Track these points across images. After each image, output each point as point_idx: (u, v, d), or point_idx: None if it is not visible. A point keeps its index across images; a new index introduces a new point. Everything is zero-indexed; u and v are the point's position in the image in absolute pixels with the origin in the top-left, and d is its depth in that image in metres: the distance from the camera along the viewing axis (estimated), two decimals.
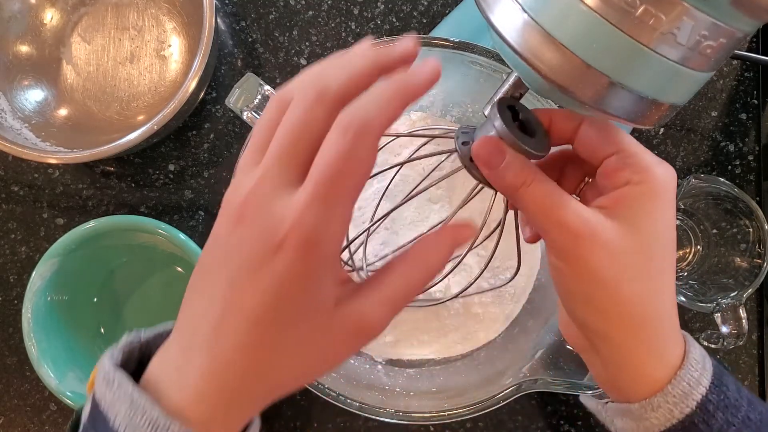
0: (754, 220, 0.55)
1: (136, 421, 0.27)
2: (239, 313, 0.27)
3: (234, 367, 0.28)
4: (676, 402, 0.32)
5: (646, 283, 0.32)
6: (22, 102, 0.60)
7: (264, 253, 0.26)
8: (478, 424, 0.59)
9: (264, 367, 0.28)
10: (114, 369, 0.29)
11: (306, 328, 0.28)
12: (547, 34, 0.27)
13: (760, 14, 0.27)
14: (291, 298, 0.27)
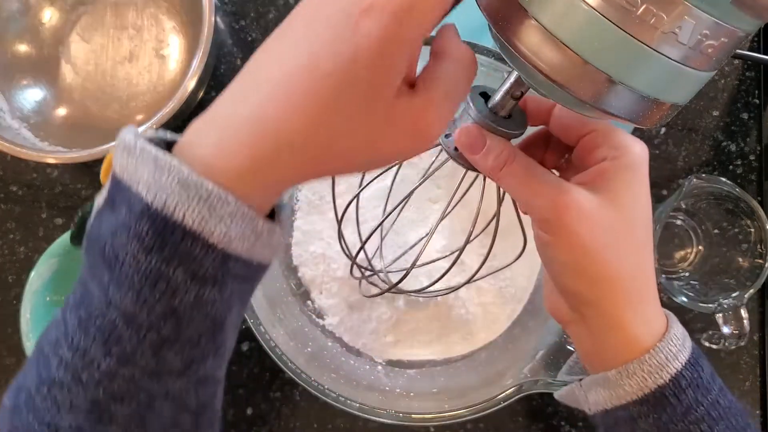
0: (755, 220, 0.55)
1: (162, 181, 0.25)
2: (314, 68, 0.25)
3: (287, 120, 0.25)
4: (651, 371, 0.33)
5: (631, 253, 0.33)
6: (21, 101, 0.60)
7: (355, 11, 0.25)
8: (479, 425, 0.59)
9: (318, 128, 0.26)
10: (135, 138, 0.26)
11: (373, 102, 0.26)
12: (547, 33, 0.27)
13: (761, 13, 0.27)
14: (368, 63, 0.25)
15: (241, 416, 0.59)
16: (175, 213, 0.24)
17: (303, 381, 0.48)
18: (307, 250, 0.57)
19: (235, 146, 0.26)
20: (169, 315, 0.26)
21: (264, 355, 0.48)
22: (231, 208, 0.25)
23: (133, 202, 0.25)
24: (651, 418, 0.33)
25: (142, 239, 0.25)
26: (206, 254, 0.25)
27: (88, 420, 0.26)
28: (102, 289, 0.26)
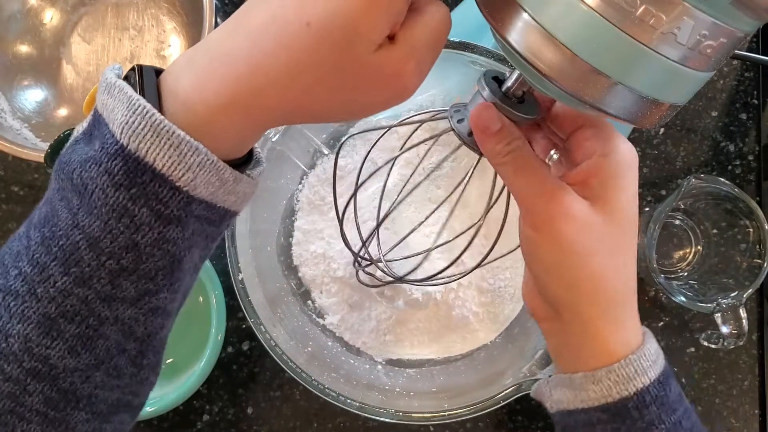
0: (754, 220, 0.55)
1: (136, 125, 0.26)
2: (299, 8, 0.26)
3: (273, 60, 0.26)
4: (618, 381, 0.33)
5: (615, 258, 0.33)
6: (22, 102, 0.60)
7: None
8: (479, 424, 0.59)
9: (301, 72, 0.27)
10: (116, 77, 0.28)
11: (356, 52, 0.27)
12: (547, 34, 0.27)
13: (760, 14, 0.27)
14: (355, 15, 0.26)
15: (241, 415, 0.59)
16: (147, 155, 0.26)
17: (303, 380, 0.48)
18: (308, 250, 0.57)
19: (218, 79, 0.27)
20: (131, 247, 0.27)
21: (264, 354, 0.49)
22: (200, 157, 0.27)
23: (108, 139, 0.26)
24: (609, 427, 0.33)
25: (113, 176, 0.26)
26: (172, 196, 0.27)
27: (37, 332, 0.27)
28: (70, 211, 0.27)
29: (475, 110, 0.34)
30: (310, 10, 0.26)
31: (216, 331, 0.54)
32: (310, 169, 0.58)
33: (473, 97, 0.36)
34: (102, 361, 0.29)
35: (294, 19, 0.26)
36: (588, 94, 0.28)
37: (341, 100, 0.28)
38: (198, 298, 0.60)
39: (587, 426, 0.34)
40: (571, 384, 0.35)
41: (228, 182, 0.29)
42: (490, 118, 0.33)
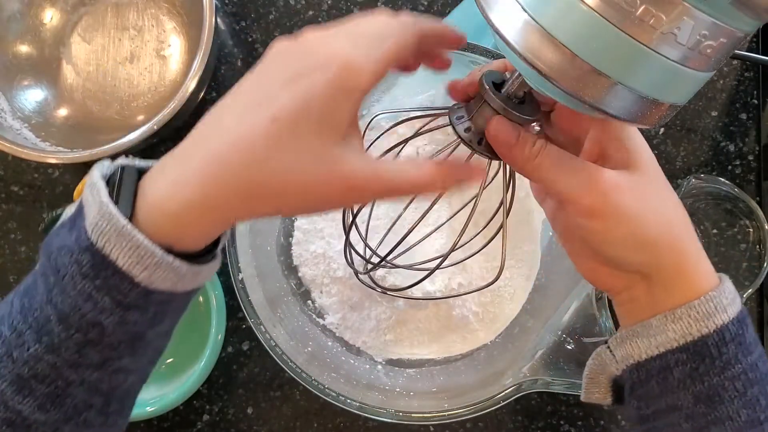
0: (754, 221, 0.55)
1: (104, 227, 0.29)
2: (263, 112, 0.29)
3: (235, 156, 0.29)
4: (698, 318, 0.33)
5: (668, 207, 0.34)
6: (22, 102, 0.60)
7: (306, 67, 0.29)
8: (478, 424, 0.59)
9: (261, 165, 0.29)
10: (98, 178, 0.31)
11: (315, 145, 0.29)
12: (547, 34, 0.27)
13: (760, 14, 0.27)
14: (316, 111, 0.29)
15: (241, 416, 0.59)
16: (111, 254, 0.29)
17: (303, 380, 0.48)
18: (308, 250, 0.57)
19: (187, 181, 0.30)
20: (96, 324, 0.30)
21: (264, 354, 0.49)
22: (156, 259, 0.30)
23: (82, 234, 0.30)
24: (688, 367, 0.33)
25: (81, 266, 0.30)
26: (131, 289, 0.30)
27: (11, 388, 0.31)
28: (47, 288, 0.31)
29: (490, 129, 0.34)
30: (279, 105, 0.29)
31: (216, 331, 0.54)
32: None
33: (474, 99, 0.36)
34: (71, 417, 0.32)
35: (264, 111, 0.29)
36: (588, 95, 0.28)
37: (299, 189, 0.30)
38: (198, 298, 0.60)
39: (663, 371, 0.34)
40: (647, 330, 0.34)
41: (186, 276, 0.31)
42: (506, 131, 0.34)
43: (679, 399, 0.33)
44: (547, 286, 0.56)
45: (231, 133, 0.29)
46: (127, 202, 0.30)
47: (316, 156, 0.29)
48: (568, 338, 0.48)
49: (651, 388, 0.34)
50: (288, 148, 0.29)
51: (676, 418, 0.34)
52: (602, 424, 0.59)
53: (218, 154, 0.29)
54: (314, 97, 0.29)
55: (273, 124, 0.29)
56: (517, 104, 0.34)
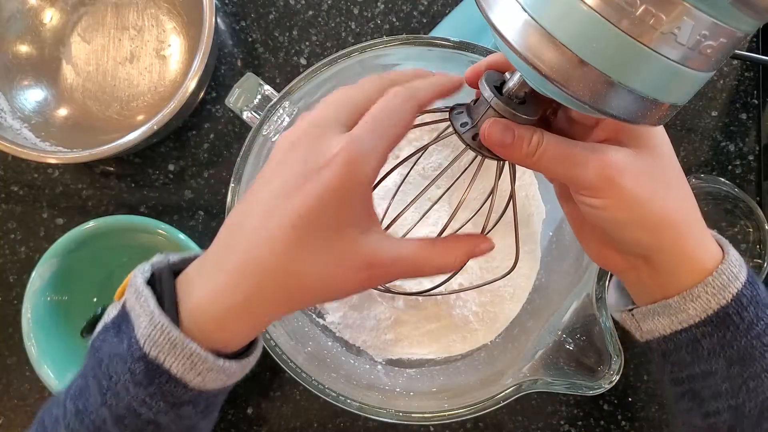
0: (754, 220, 0.55)
1: (157, 338, 0.31)
2: (283, 214, 0.31)
3: (266, 260, 0.31)
4: (715, 293, 0.34)
5: (675, 190, 0.35)
6: (22, 102, 0.60)
7: (314, 166, 0.31)
8: (479, 425, 0.59)
9: (290, 263, 0.31)
10: (143, 285, 0.33)
11: (334, 240, 0.31)
12: (547, 34, 0.27)
13: (760, 14, 0.27)
14: (331, 207, 0.31)
15: (241, 416, 0.59)
16: (165, 363, 0.31)
17: (303, 380, 0.48)
18: None
19: (225, 287, 0.32)
20: (151, 422, 0.32)
21: (264, 354, 0.48)
22: (209, 364, 0.32)
23: (134, 344, 0.32)
24: (715, 337, 0.34)
25: (134, 374, 0.31)
26: (184, 392, 0.32)
27: None
28: (100, 392, 0.32)
29: (486, 130, 0.34)
30: (294, 205, 0.31)
31: None
32: None
33: (474, 100, 0.36)
34: None
35: (283, 214, 0.31)
36: (588, 95, 0.28)
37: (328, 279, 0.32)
38: None
39: (692, 343, 0.35)
40: (667, 310, 0.35)
41: (235, 374, 0.34)
42: (500, 133, 0.34)
43: (712, 365, 0.35)
44: (547, 286, 0.56)
45: (258, 239, 0.31)
46: (171, 308, 0.32)
47: (338, 250, 0.32)
48: (568, 338, 0.48)
49: (682, 356, 0.36)
50: (311, 249, 0.31)
51: (713, 381, 0.35)
52: (602, 424, 0.59)
53: (250, 261, 0.31)
54: (326, 198, 0.30)
55: (293, 231, 0.31)
56: (518, 104, 0.34)
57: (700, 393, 0.36)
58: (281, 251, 0.31)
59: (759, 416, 0.34)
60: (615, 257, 0.37)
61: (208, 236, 0.61)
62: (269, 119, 0.50)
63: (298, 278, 0.31)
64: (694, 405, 0.37)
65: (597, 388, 0.45)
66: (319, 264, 0.31)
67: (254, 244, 0.31)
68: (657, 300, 0.36)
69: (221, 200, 0.62)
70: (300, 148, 0.32)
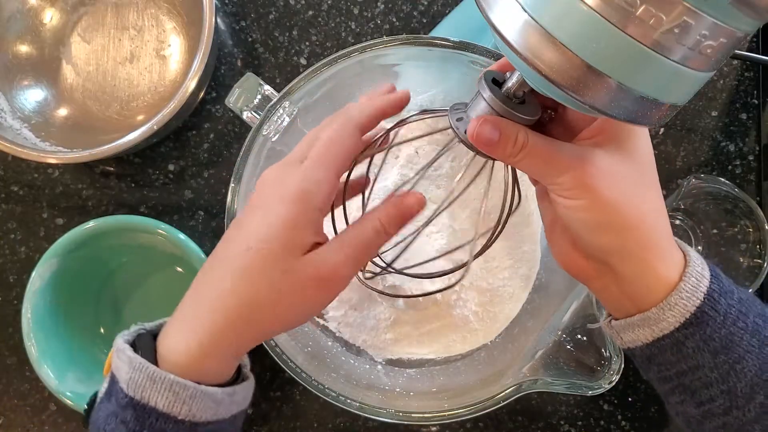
0: (754, 220, 0.55)
1: (137, 378, 0.33)
2: (240, 242, 0.35)
3: (231, 297, 0.35)
4: (689, 296, 0.35)
5: (647, 196, 0.36)
6: (22, 102, 0.60)
7: (270, 200, 0.36)
8: (479, 425, 0.59)
9: (253, 296, 0.35)
10: (122, 343, 0.36)
11: (284, 263, 0.35)
12: (547, 34, 0.27)
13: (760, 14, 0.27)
14: (282, 235, 0.35)
15: None
16: (150, 401, 0.33)
17: (303, 380, 0.48)
18: None
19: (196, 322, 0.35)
20: None
21: (264, 354, 0.49)
22: (190, 391, 0.34)
23: (119, 394, 0.34)
24: (697, 335, 0.35)
25: (126, 423, 0.33)
26: (177, 428, 0.34)
27: None
28: None
29: (470, 129, 0.35)
30: (251, 242, 0.35)
31: None
32: None
33: (474, 98, 0.36)
34: None
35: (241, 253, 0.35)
36: (588, 95, 0.28)
37: (288, 305, 0.36)
38: None
39: (676, 345, 0.36)
40: (646, 322, 0.36)
41: (224, 401, 0.36)
42: (487, 132, 0.34)
43: (698, 360, 0.36)
44: (547, 286, 0.56)
45: (220, 272, 0.35)
46: (148, 354, 0.35)
47: (290, 272, 0.35)
48: (568, 338, 0.48)
49: (667, 358, 0.37)
50: (264, 273, 0.35)
51: (701, 373, 0.36)
52: (602, 424, 0.59)
53: (213, 295, 0.35)
54: (278, 226, 0.35)
55: (247, 253, 0.35)
56: (517, 104, 0.34)
57: (690, 386, 0.37)
58: (238, 277, 0.35)
59: (750, 391, 0.36)
60: (582, 263, 0.38)
61: (208, 236, 0.61)
62: (269, 119, 0.50)
63: (256, 304, 0.35)
64: (686, 397, 0.38)
65: (597, 388, 0.45)
66: (274, 287, 0.35)
67: (217, 277, 0.35)
68: (628, 311, 0.37)
69: (221, 200, 0.62)
70: (267, 187, 0.37)
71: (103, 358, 0.59)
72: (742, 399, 0.36)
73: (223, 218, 0.50)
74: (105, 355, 0.59)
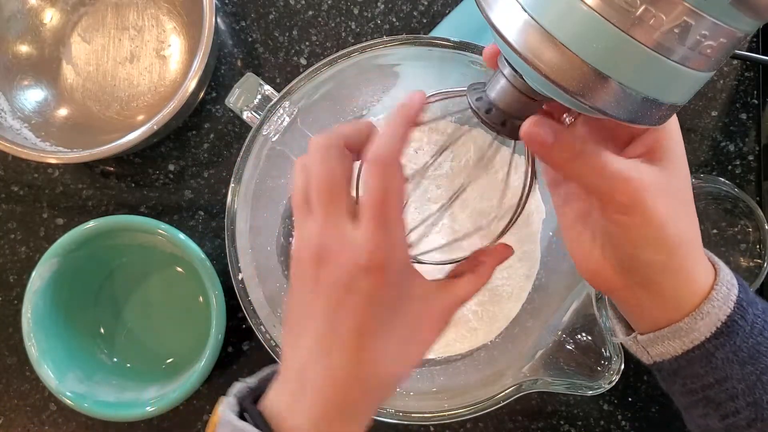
0: (754, 220, 0.55)
1: None
2: (347, 327, 0.33)
3: (346, 378, 0.33)
4: (720, 305, 0.35)
5: (686, 207, 0.36)
6: (22, 102, 0.60)
7: (354, 277, 0.33)
8: (479, 425, 0.59)
9: (371, 368, 0.33)
10: (238, 420, 0.34)
11: (399, 320, 0.34)
12: (547, 34, 0.27)
13: (760, 14, 0.27)
14: (385, 304, 0.33)
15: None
16: None
17: None
18: None
19: (302, 403, 0.34)
20: None
21: (264, 354, 0.49)
22: None
23: None
24: (727, 345, 0.35)
25: None
26: None
27: None
28: None
29: (524, 127, 0.33)
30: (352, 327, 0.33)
31: (216, 331, 0.54)
32: None
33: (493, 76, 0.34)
34: None
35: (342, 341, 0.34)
36: (588, 95, 0.28)
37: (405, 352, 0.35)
38: (198, 298, 0.60)
39: (706, 357, 0.36)
40: (677, 333, 0.36)
41: None
42: (542, 134, 0.33)
43: (726, 371, 0.35)
44: (547, 286, 0.56)
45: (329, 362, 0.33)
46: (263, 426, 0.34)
47: (409, 324, 0.35)
48: (568, 338, 0.48)
49: (695, 370, 0.36)
50: (384, 339, 0.34)
51: (728, 385, 0.36)
52: (602, 424, 0.59)
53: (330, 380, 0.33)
54: (375, 301, 0.33)
55: (361, 338, 0.33)
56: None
57: (715, 398, 0.36)
58: (355, 360, 0.33)
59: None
60: (609, 274, 0.37)
61: (208, 236, 0.61)
62: (269, 119, 0.50)
63: (381, 371, 0.34)
64: (710, 410, 0.37)
65: (597, 388, 0.45)
66: (396, 344, 0.34)
67: (329, 363, 0.33)
68: (659, 322, 0.36)
69: (221, 200, 0.62)
70: (330, 260, 0.33)
71: (103, 358, 0.59)
72: (767, 411, 0.36)
73: (223, 218, 0.50)
74: (105, 355, 0.59)
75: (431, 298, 0.36)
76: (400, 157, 0.34)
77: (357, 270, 0.33)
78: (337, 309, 0.33)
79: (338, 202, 0.34)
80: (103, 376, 0.57)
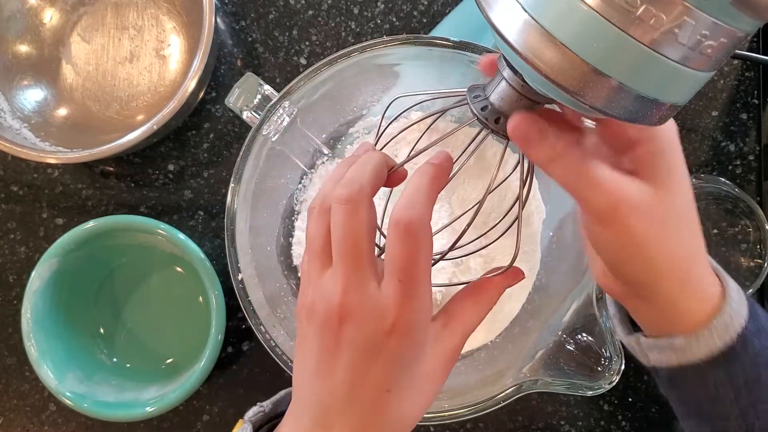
0: (754, 220, 0.55)
1: None
2: (370, 385, 0.33)
3: (371, 426, 0.33)
4: (720, 334, 0.34)
5: (683, 235, 0.34)
6: (22, 102, 0.60)
7: (378, 340, 0.32)
8: (479, 425, 0.59)
9: (394, 419, 0.33)
10: None
11: (419, 369, 0.34)
12: (547, 34, 0.27)
13: (760, 13, 0.27)
14: (407, 362, 0.33)
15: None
16: None
17: None
18: None
19: None
20: None
21: (264, 355, 0.49)
22: None
23: None
24: (722, 370, 0.35)
25: None
26: None
27: None
28: None
29: (511, 121, 0.33)
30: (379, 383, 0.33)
31: (216, 331, 0.54)
32: (310, 169, 0.58)
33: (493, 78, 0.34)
34: None
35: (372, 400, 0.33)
36: (588, 95, 0.28)
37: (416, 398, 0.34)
38: (198, 298, 0.60)
39: (700, 375, 0.35)
40: (672, 347, 0.36)
41: None
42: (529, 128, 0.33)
43: (720, 392, 0.35)
44: (547, 286, 0.56)
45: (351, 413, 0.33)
46: None
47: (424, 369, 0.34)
48: (568, 338, 0.48)
49: (690, 383, 0.36)
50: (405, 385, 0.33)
51: (722, 406, 0.36)
52: (602, 424, 0.59)
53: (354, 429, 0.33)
54: (399, 358, 0.33)
55: (386, 395, 0.33)
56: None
57: (708, 414, 0.36)
58: (379, 411, 0.33)
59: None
60: (613, 283, 0.37)
61: (208, 236, 0.61)
62: (269, 119, 0.50)
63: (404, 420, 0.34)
64: (702, 423, 0.37)
65: (597, 389, 0.45)
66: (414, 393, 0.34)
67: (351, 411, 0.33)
68: (663, 328, 0.36)
69: (221, 200, 0.62)
70: (355, 318, 0.32)
71: (103, 358, 0.59)
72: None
73: (222, 218, 0.50)
74: (105, 355, 0.59)
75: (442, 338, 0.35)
76: (429, 220, 0.33)
77: (383, 334, 0.32)
78: (361, 369, 0.33)
79: (363, 260, 0.33)
80: (103, 376, 0.57)
